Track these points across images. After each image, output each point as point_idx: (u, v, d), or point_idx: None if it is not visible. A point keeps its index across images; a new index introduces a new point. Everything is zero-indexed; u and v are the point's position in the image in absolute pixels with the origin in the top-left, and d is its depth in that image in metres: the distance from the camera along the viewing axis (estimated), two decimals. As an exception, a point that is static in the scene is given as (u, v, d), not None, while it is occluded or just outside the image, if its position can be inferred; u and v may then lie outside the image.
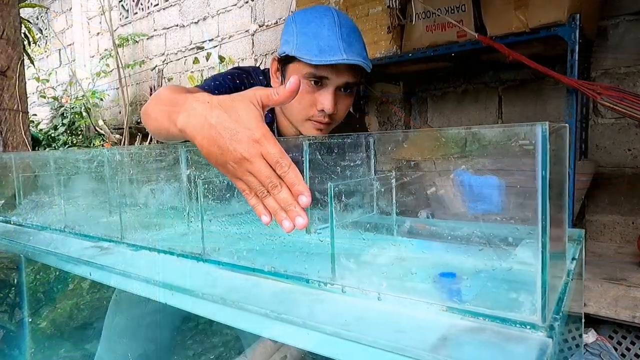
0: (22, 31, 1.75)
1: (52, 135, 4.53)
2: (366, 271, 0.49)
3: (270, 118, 1.03)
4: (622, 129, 1.96)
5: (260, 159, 0.49)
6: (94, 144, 4.33)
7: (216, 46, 3.59)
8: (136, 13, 4.52)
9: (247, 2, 3.42)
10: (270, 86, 1.03)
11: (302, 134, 0.96)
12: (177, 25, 4.06)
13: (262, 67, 1.08)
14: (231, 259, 0.57)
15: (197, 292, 0.48)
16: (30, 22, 2.81)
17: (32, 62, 1.86)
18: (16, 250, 0.86)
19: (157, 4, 4.25)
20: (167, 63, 3.94)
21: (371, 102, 2.74)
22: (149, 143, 3.64)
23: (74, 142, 4.54)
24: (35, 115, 4.84)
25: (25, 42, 1.94)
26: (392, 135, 0.48)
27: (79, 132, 4.66)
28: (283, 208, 0.49)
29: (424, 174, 0.55)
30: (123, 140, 3.74)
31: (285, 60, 0.93)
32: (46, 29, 5.60)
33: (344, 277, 0.47)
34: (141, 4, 4.45)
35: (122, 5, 4.66)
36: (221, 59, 3.26)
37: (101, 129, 4.22)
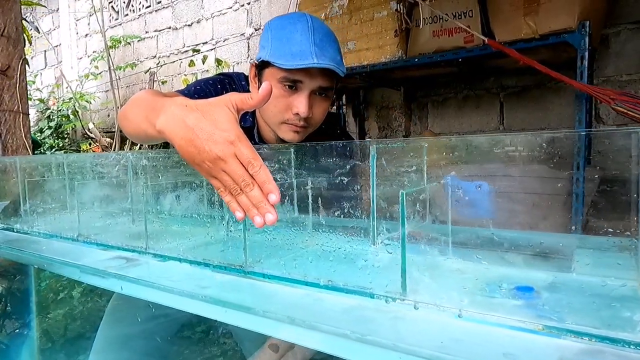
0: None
1: (38, 138, 4.40)
2: (438, 285, 0.46)
3: (251, 122, 1.05)
4: (624, 135, 1.98)
5: (234, 159, 0.52)
6: (81, 148, 4.22)
7: (212, 49, 3.53)
8: (127, 15, 4.43)
9: (242, 6, 3.38)
10: None
11: (280, 136, 0.98)
12: (169, 28, 3.99)
13: None
14: (280, 272, 0.53)
15: (256, 310, 0.44)
16: (27, 21, 2.72)
17: (27, 62, 1.79)
18: (29, 260, 0.80)
19: (149, 6, 4.17)
20: (160, 66, 3.86)
21: (371, 107, 2.73)
22: (139, 148, 3.56)
23: (61, 145, 4.42)
24: (21, 117, 4.68)
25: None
26: (472, 140, 0.45)
27: (65, 136, 4.53)
28: (254, 205, 0.53)
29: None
30: (114, 144, 3.64)
31: (261, 66, 0.96)
32: (31, 29, 5.45)
33: (416, 292, 0.44)
34: (132, 6, 4.37)
35: (112, 7, 4.57)
36: (218, 62, 3.21)
37: (91, 132, 4.11)
